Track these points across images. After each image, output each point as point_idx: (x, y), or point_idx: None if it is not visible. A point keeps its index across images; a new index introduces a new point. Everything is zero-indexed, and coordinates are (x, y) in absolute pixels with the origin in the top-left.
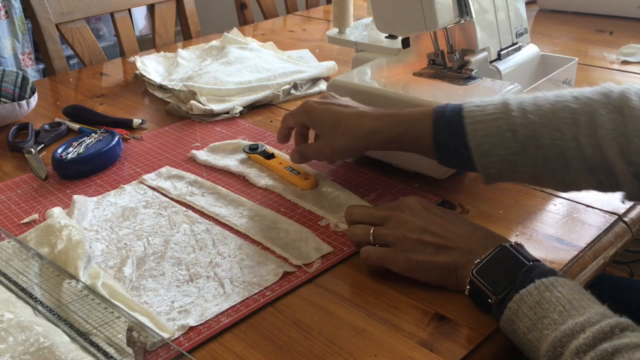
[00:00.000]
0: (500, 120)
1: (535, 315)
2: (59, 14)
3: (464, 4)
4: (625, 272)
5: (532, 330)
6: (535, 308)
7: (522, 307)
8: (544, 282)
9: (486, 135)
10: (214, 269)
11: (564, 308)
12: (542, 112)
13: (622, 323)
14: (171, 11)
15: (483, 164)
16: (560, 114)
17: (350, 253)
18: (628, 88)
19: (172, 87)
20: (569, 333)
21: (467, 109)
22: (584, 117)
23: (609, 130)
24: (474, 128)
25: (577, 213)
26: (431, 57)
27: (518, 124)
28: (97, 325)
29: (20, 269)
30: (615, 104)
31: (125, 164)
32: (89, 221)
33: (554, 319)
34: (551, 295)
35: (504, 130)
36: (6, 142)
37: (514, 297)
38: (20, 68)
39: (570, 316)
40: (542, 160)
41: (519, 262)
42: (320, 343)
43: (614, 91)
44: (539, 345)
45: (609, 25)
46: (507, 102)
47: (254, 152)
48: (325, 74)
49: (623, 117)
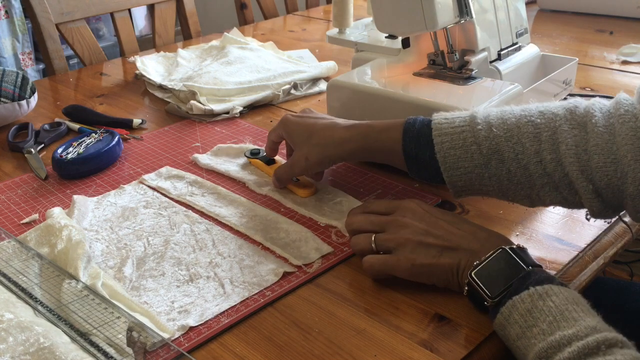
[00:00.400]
0: (466, 133)
1: (525, 324)
2: (59, 14)
3: (464, 4)
4: (625, 272)
5: (521, 337)
6: (526, 316)
7: (514, 314)
8: (538, 290)
9: (452, 147)
10: (214, 269)
11: (554, 318)
12: (507, 126)
13: (610, 339)
14: (171, 11)
15: (450, 176)
16: (524, 128)
17: (351, 253)
18: (593, 104)
19: (172, 87)
20: (555, 345)
21: (435, 121)
22: (547, 132)
23: (570, 146)
24: (441, 140)
25: (577, 213)
26: (431, 57)
27: (482, 137)
28: (97, 325)
29: (20, 269)
30: (578, 120)
31: (125, 164)
32: (89, 221)
33: (542, 329)
34: (544, 304)
35: (469, 144)
36: (6, 142)
37: (507, 303)
38: (20, 68)
39: (559, 328)
40: (506, 174)
41: (517, 267)
42: (320, 343)
43: (579, 107)
44: (527, 353)
45: (609, 25)
46: (474, 116)
47: (255, 157)
48: (325, 74)
49: (585, 133)
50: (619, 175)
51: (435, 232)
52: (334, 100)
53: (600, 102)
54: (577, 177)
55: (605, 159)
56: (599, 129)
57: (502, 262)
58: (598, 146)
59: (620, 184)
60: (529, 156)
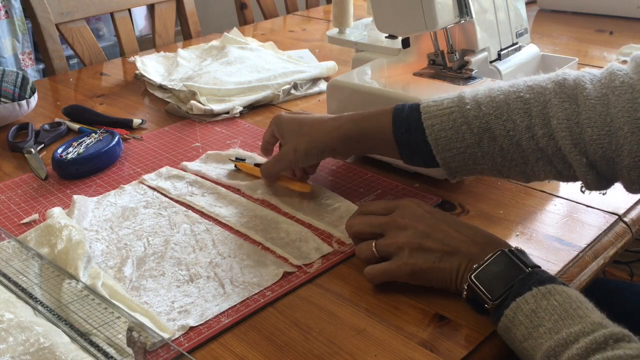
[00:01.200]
0: (455, 114)
1: (531, 324)
2: (59, 14)
3: (464, 4)
4: (625, 272)
5: (528, 338)
6: (531, 316)
7: (519, 315)
8: (541, 289)
9: (442, 129)
10: (214, 269)
11: (559, 317)
12: (496, 103)
13: (616, 334)
14: (171, 11)
15: (443, 158)
16: (514, 104)
17: (350, 253)
18: (583, 75)
19: (172, 87)
20: (563, 343)
21: (424, 104)
22: (537, 107)
23: (561, 120)
24: (431, 123)
25: (577, 213)
26: (431, 57)
27: (472, 116)
28: (97, 325)
29: (21, 269)
30: (568, 93)
31: (125, 164)
32: (89, 221)
33: (549, 328)
34: (547, 303)
35: (460, 124)
36: (6, 142)
37: (511, 304)
38: (20, 68)
39: (565, 325)
40: (499, 152)
41: (518, 268)
42: (320, 343)
43: (568, 79)
44: (534, 353)
45: (609, 25)
46: (462, 96)
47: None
48: (325, 74)
49: (577, 105)
50: (613, 147)
51: (435, 234)
52: (334, 100)
53: (590, 73)
54: (570, 150)
55: (599, 131)
56: (590, 101)
57: (501, 265)
58: (591, 119)
59: (615, 156)
60: (520, 132)
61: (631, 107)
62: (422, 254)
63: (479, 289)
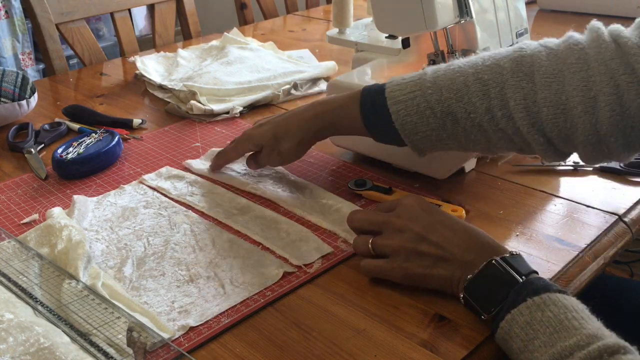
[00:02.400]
0: (419, 99)
1: (526, 337)
2: (59, 14)
3: (464, 4)
4: (625, 272)
5: (524, 351)
6: (527, 329)
7: (514, 328)
8: (535, 300)
9: (408, 114)
10: (214, 269)
11: (554, 329)
12: (456, 86)
13: (611, 346)
14: (171, 11)
15: (412, 141)
16: (473, 87)
17: (350, 253)
18: (540, 51)
19: (172, 87)
20: (557, 357)
21: (389, 89)
22: (495, 88)
23: (518, 101)
24: (397, 109)
25: (577, 213)
26: (431, 57)
27: (434, 100)
28: (97, 325)
29: (21, 269)
30: (525, 71)
31: (125, 164)
32: (89, 221)
33: (544, 341)
34: (542, 315)
35: (423, 109)
36: (6, 142)
37: (506, 317)
38: (20, 68)
39: (560, 338)
40: (462, 133)
41: (511, 279)
42: (320, 343)
43: (525, 55)
44: None
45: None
46: (423, 78)
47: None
48: (325, 74)
49: (533, 84)
50: (569, 125)
51: (430, 238)
52: None
53: (547, 46)
54: (528, 130)
55: (555, 110)
56: (546, 79)
57: (493, 275)
58: (547, 99)
59: (571, 134)
60: (480, 115)
61: (585, 86)
62: (416, 259)
63: (473, 302)
